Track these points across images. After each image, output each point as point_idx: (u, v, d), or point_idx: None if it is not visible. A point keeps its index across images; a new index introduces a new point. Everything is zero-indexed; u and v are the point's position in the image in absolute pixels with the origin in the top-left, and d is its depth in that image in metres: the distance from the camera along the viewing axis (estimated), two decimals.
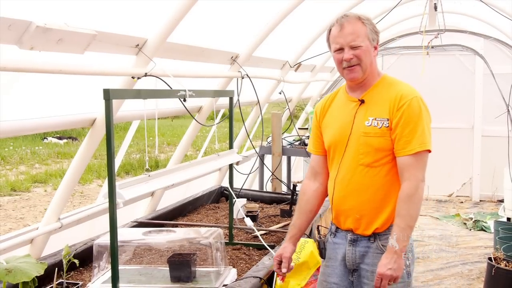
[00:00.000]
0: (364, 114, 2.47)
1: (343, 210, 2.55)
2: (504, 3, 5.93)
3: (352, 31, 2.43)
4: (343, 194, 2.53)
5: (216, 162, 3.36)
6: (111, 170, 2.27)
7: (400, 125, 2.38)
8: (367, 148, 2.44)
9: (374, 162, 2.44)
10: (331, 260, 2.63)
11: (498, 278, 4.66)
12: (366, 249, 2.51)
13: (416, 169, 2.37)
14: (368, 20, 2.48)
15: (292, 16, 4.48)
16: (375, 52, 2.50)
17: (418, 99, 2.42)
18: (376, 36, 2.49)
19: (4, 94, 2.62)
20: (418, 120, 2.38)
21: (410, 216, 2.36)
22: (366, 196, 2.47)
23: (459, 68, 9.09)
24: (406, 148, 2.37)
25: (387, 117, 2.41)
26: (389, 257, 2.35)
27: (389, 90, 2.47)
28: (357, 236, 2.53)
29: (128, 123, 4.53)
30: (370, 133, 2.43)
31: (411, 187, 2.36)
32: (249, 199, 4.94)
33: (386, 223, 2.47)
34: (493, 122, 8.58)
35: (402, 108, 2.39)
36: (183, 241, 2.97)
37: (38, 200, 10.21)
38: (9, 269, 2.23)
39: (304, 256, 3.09)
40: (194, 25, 3.47)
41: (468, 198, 9.31)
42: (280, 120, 5.72)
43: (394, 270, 2.33)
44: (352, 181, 2.49)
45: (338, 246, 2.59)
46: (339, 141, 2.53)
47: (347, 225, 2.55)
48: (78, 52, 2.55)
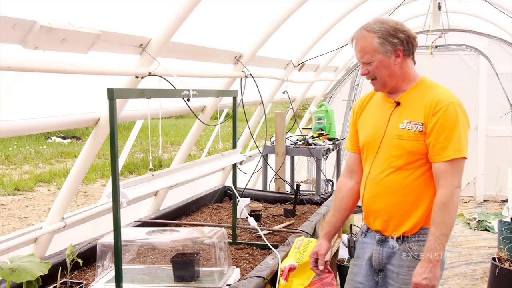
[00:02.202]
0: (399, 116, 2.44)
1: (373, 210, 2.54)
2: (509, 3, 5.91)
3: (360, 48, 2.42)
4: (373, 194, 2.52)
5: (219, 162, 3.35)
6: (114, 169, 2.27)
7: (435, 131, 2.34)
8: (400, 151, 2.42)
9: (406, 165, 2.41)
10: (359, 260, 2.64)
11: (502, 278, 4.65)
12: (393, 250, 2.49)
13: (452, 176, 2.33)
14: (383, 27, 2.38)
15: (295, 16, 4.47)
16: (401, 58, 2.40)
17: (455, 104, 2.36)
18: (397, 40, 2.38)
19: (7, 94, 2.62)
20: (455, 126, 2.33)
21: (445, 224, 2.32)
22: (395, 198, 2.45)
23: (463, 68, 9.06)
24: (441, 154, 2.33)
25: (421, 122, 2.38)
26: (424, 266, 2.32)
27: (426, 94, 2.42)
28: (385, 237, 2.52)
29: (131, 122, 4.54)
30: (403, 136, 2.41)
31: (446, 195, 2.32)
32: (253, 198, 4.94)
33: (415, 227, 2.44)
34: (497, 122, 8.57)
35: (438, 114, 2.34)
36: (186, 241, 2.97)
37: (42, 200, 10.23)
38: (13, 268, 2.24)
39: (307, 255, 3.08)
40: (197, 25, 3.47)
41: (472, 198, 9.29)
42: (283, 120, 5.72)
43: (430, 280, 2.31)
44: (383, 182, 2.47)
45: (367, 245, 2.60)
46: (372, 141, 2.52)
47: (375, 226, 2.54)
48: (82, 51, 2.56)
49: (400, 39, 2.39)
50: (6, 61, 2.20)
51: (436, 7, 6.25)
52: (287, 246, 3.31)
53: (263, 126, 6.18)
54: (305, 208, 4.59)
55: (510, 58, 8.41)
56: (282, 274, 2.95)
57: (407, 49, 2.42)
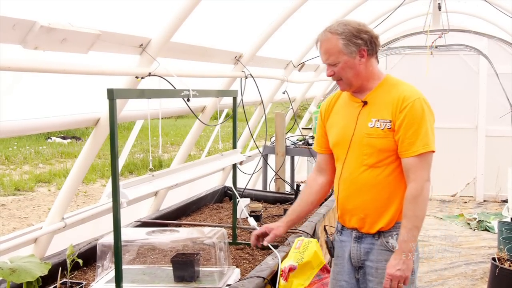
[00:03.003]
0: (367, 115, 2.49)
1: (348, 209, 2.58)
2: (509, 3, 5.91)
3: (324, 50, 2.47)
4: (347, 193, 2.56)
5: (219, 162, 3.35)
6: (114, 169, 2.27)
7: (403, 127, 2.39)
8: (370, 149, 2.46)
9: (378, 162, 2.46)
10: (339, 258, 2.68)
11: (502, 278, 4.65)
12: (371, 245, 2.53)
13: (421, 170, 2.38)
14: (346, 28, 2.42)
15: (295, 16, 4.47)
16: (365, 58, 2.45)
17: (421, 100, 2.42)
18: (361, 41, 2.42)
19: (8, 94, 2.62)
20: (421, 121, 2.38)
21: (416, 217, 2.38)
22: (370, 196, 2.49)
23: (463, 68, 9.06)
24: (410, 149, 2.38)
25: (389, 119, 2.42)
26: (397, 258, 2.39)
27: (392, 92, 2.47)
28: (361, 234, 2.56)
29: (131, 122, 4.54)
30: (373, 134, 2.45)
31: (416, 188, 2.38)
32: (253, 199, 4.94)
33: (390, 222, 2.49)
34: (497, 122, 8.58)
35: (405, 110, 2.39)
36: (186, 241, 2.97)
37: (42, 200, 10.23)
38: (13, 268, 2.23)
39: (307, 256, 3.08)
40: (197, 25, 3.47)
41: (472, 198, 9.29)
42: (283, 120, 5.72)
43: (403, 271, 2.37)
44: (356, 181, 2.51)
45: (345, 244, 2.64)
46: (342, 141, 2.56)
47: (352, 224, 2.58)
48: (82, 51, 2.56)
49: (364, 40, 2.43)
50: (6, 61, 2.20)
51: (436, 7, 6.25)
52: (287, 246, 3.31)
53: (263, 126, 6.18)
54: None
55: (510, 58, 8.42)
56: (282, 274, 2.95)
57: (371, 48, 2.46)
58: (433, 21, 6.57)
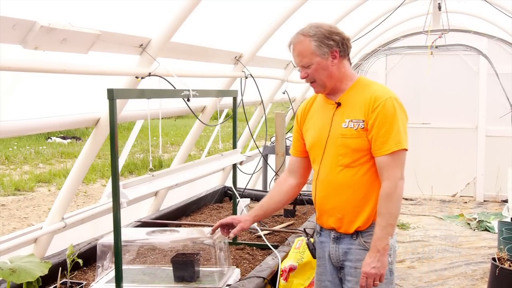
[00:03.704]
0: (341, 116, 2.52)
1: (325, 210, 2.61)
2: (509, 3, 5.91)
3: (298, 52, 2.51)
4: (324, 194, 2.59)
5: (219, 162, 3.36)
6: (114, 169, 2.27)
7: (375, 126, 2.42)
8: (345, 149, 2.49)
9: (353, 162, 2.49)
10: (321, 259, 2.71)
11: (502, 278, 4.65)
12: (349, 246, 2.56)
13: (394, 168, 2.41)
14: (318, 30, 2.45)
15: (295, 16, 4.47)
16: (337, 59, 2.48)
17: (393, 99, 2.45)
18: (333, 42, 2.45)
19: (8, 94, 2.62)
20: (393, 120, 2.41)
21: (390, 214, 2.42)
22: (346, 196, 2.52)
23: (463, 68, 9.07)
24: (382, 148, 2.41)
25: (362, 119, 2.45)
26: (372, 256, 2.42)
27: (364, 92, 2.50)
28: (340, 234, 2.58)
29: (131, 122, 4.54)
30: (347, 135, 2.48)
31: (390, 186, 2.41)
32: (253, 199, 4.94)
33: (367, 221, 2.51)
34: (497, 122, 8.58)
35: (377, 110, 2.42)
36: (186, 241, 2.97)
37: (42, 200, 10.23)
38: (13, 268, 2.23)
39: (307, 256, 3.09)
40: (197, 25, 3.47)
41: (472, 198, 9.29)
42: (283, 120, 5.71)
43: (378, 269, 2.40)
44: (332, 181, 2.54)
45: (324, 244, 2.67)
46: (318, 143, 2.59)
47: (329, 224, 2.61)
48: (82, 52, 2.56)
49: (336, 41, 2.47)
50: (6, 61, 2.20)
51: (436, 7, 6.24)
52: (287, 246, 3.31)
53: (263, 126, 6.18)
54: (305, 208, 4.60)
55: (510, 58, 8.42)
56: (282, 274, 2.95)
57: (343, 50, 2.50)
58: (433, 21, 6.57)
